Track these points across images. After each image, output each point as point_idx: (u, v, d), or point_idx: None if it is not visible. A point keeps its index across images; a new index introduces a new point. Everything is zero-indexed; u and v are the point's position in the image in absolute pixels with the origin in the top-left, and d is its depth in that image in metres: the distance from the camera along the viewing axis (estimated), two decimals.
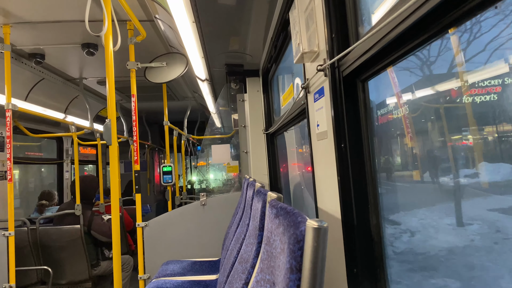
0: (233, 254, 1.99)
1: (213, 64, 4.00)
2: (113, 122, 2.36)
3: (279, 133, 3.68)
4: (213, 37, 3.24)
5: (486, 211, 1.07)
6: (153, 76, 3.54)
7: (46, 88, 4.49)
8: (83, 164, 7.20)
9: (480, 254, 1.05)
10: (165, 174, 4.35)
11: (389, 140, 1.48)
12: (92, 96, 5.50)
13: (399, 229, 1.52)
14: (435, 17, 0.94)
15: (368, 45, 1.21)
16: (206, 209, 3.72)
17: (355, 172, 1.43)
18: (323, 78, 1.61)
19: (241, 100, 4.32)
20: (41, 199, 4.51)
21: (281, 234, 1.00)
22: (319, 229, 0.79)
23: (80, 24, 3.11)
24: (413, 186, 1.38)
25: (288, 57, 3.07)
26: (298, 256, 0.83)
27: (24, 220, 3.76)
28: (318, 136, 1.75)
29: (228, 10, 2.73)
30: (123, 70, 3.28)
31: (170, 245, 3.60)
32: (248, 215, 2.05)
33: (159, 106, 4.99)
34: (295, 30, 1.87)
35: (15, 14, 2.89)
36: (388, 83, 1.29)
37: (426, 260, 1.40)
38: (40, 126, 4.98)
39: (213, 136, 6.27)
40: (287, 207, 1.07)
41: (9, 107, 3.04)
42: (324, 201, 1.76)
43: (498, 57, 0.90)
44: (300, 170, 3.79)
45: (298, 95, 2.24)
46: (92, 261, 3.90)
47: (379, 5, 1.31)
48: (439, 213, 1.24)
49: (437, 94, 1.24)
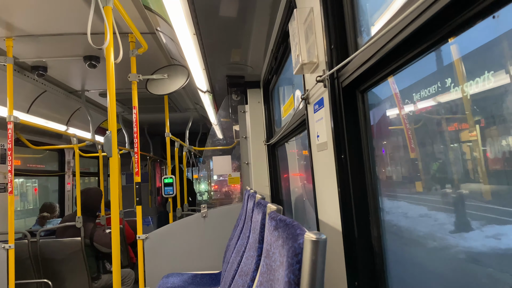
0: (234, 267, 1.97)
1: (214, 76, 4.01)
2: (113, 134, 2.36)
3: (280, 144, 3.67)
4: (214, 49, 3.26)
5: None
6: (155, 88, 3.55)
7: (48, 100, 4.51)
8: (84, 176, 7.20)
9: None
10: (166, 186, 4.34)
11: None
12: (94, 108, 5.52)
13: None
14: (433, 27, 0.94)
15: (367, 56, 1.21)
16: (207, 221, 3.69)
17: (356, 183, 1.42)
18: (322, 89, 1.61)
19: (242, 112, 4.32)
20: (42, 211, 4.50)
21: (280, 247, 0.99)
22: (317, 242, 0.78)
23: (82, 36, 3.13)
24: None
25: (288, 69, 3.08)
26: (296, 269, 0.81)
27: (24, 233, 3.74)
28: (318, 147, 1.74)
29: (228, 23, 2.75)
30: (125, 82, 3.29)
31: (171, 257, 3.57)
32: (249, 227, 2.03)
33: (161, 117, 5.01)
34: (294, 42, 1.88)
35: (18, 27, 2.92)
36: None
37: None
38: (42, 138, 5.00)
39: (214, 147, 6.27)
40: (286, 219, 1.06)
41: (11, 119, 3.05)
42: (324, 212, 1.74)
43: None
44: (302, 181, 3.77)
45: (298, 106, 2.24)
46: (92, 274, 3.87)
47: (378, 16, 1.31)
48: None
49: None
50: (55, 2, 2.61)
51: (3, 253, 3.07)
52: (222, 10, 2.57)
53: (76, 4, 2.63)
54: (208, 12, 2.57)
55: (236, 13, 2.61)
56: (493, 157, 0.89)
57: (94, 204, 4.23)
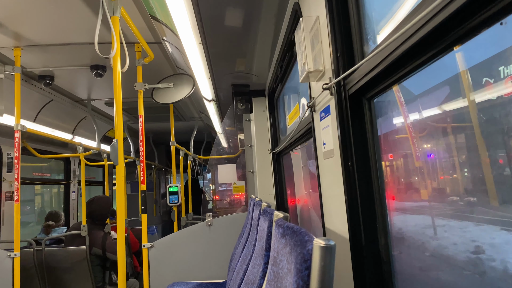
0: (239, 275, 1.96)
1: (219, 85, 4.04)
2: (120, 142, 2.37)
3: (285, 153, 3.67)
4: (220, 58, 3.28)
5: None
6: (160, 97, 3.57)
7: (55, 109, 4.55)
8: (90, 185, 7.23)
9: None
10: (171, 195, 4.34)
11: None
12: (99, 117, 5.56)
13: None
14: (440, 34, 0.94)
15: (374, 63, 1.22)
16: (212, 229, 3.68)
17: (363, 190, 1.41)
18: (329, 97, 1.61)
19: (247, 120, 4.34)
20: (47, 220, 4.51)
21: (288, 254, 0.98)
22: (326, 248, 0.78)
23: (89, 46, 3.17)
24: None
25: (293, 77, 3.10)
26: (305, 275, 0.81)
27: (30, 241, 3.75)
28: (325, 155, 1.74)
29: (234, 32, 2.78)
30: (131, 91, 3.31)
31: (176, 266, 3.55)
32: (255, 235, 2.02)
33: (166, 126, 5.02)
34: (300, 50, 1.89)
35: (26, 37, 2.96)
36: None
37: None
38: (48, 147, 5.03)
39: (219, 156, 6.28)
40: (293, 226, 1.06)
41: (18, 128, 3.08)
42: (331, 220, 1.74)
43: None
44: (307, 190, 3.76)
45: (304, 114, 2.24)
46: (97, 283, 3.85)
47: (384, 24, 1.32)
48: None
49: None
50: (63, 12, 2.64)
51: (9, 261, 3.08)
52: (228, 19, 2.60)
53: (84, 14, 2.67)
54: (214, 22, 2.60)
55: (242, 22, 2.64)
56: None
57: (103, 212, 4.23)
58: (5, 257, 3.10)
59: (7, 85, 3.18)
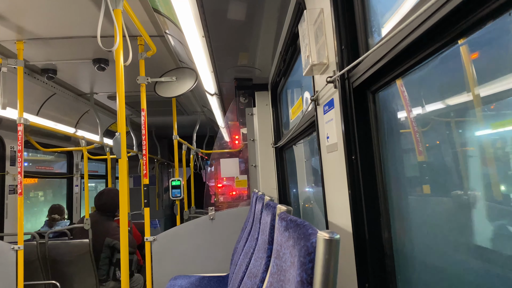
0: (242, 269, 1.97)
1: (222, 79, 4.02)
2: (122, 136, 2.37)
3: (288, 147, 3.66)
4: (223, 52, 3.27)
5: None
6: (163, 90, 3.57)
7: (58, 103, 4.55)
8: (92, 178, 7.25)
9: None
10: (174, 188, 4.35)
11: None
12: (102, 110, 5.56)
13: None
14: (446, 26, 0.93)
15: (379, 56, 1.20)
16: (214, 223, 3.69)
17: (366, 184, 1.41)
18: (332, 90, 1.60)
19: (250, 114, 4.33)
20: (51, 213, 4.52)
21: (291, 247, 0.98)
22: (330, 241, 0.78)
23: (92, 40, 3.16)
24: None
25: (297, 71, 3.08)
26: (309, 268, 0.81)
27: (33, 234, 3.76)
28: (328, 149, 1.73)
29: (237, 25, 2.76)
30: (133, 85, 3.31)
31: (179, 259, 3.57)
32: (257, 229, 2.02)
33: (169, 120, 5.02)
34: (304, 43, 1.88)
35: (29, 30, 2.95)
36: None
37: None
38: (51, 140, 5.04)
39: (222, 150, 6.27)
40: (297, 219, 1.05)
41: (21, 122, 3.08)
42: (334, 214, 1.73)
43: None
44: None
45: (307, 108, 2.23)
46: (101, 276, 3.87)
47: (389, 16, 1.31)
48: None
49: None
50: (65, 6, 2.63)
51: (12, 254, 3.09)
52: (231, 12, 2.58)
53: (86, 8, 2.66)
54: (217, 15, 2.59)
55: (245, 16, 2.62)
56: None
57: (114, 204, 4.25)
58: (9, 249, 3.11)
59: (10, 78, 3.17)
